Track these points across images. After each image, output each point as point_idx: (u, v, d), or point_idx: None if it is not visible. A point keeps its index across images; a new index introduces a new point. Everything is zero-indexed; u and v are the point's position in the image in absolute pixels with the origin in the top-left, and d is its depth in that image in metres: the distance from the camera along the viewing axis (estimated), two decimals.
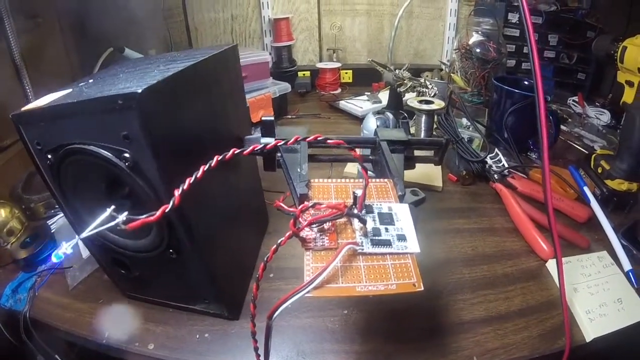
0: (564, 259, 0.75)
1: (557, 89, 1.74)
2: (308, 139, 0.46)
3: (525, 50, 1.68)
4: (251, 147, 0.42)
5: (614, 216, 0.90)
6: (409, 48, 1.94)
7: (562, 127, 1.40)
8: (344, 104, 1.48)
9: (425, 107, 1.08)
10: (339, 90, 1.76)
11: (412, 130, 1.16)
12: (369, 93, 1.58)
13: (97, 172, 0.46)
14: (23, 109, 0.47)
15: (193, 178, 0.37)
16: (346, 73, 1.86)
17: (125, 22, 1.66)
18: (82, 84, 0.52)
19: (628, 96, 0.94)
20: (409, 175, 0.62)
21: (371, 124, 0.72)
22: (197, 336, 0.64)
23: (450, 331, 0.65)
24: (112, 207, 0.40)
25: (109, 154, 0.44)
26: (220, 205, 0.59)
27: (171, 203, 0.36)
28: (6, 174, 1.00)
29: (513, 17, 1.63)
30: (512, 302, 0.71)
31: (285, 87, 1.41)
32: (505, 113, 1.17)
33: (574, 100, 1.59)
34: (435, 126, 1.15)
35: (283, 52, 1.82)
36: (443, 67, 1.81)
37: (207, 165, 0.39)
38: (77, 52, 1.42)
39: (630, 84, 0.93)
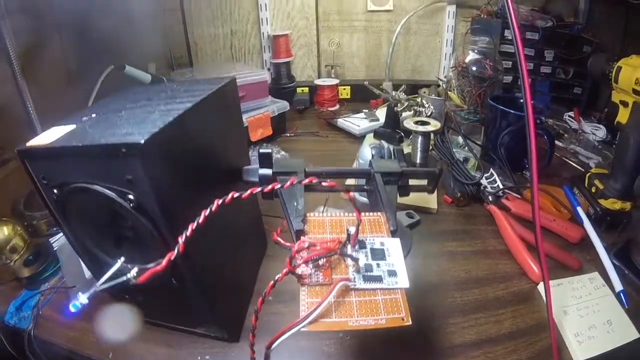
0: (554, 282, 0.77)
1: (554, 104, 1.76)
2: (303, 182, 0.48)
3: None
4: (249, 191, 0.44)
5: (607, 235, 0.92)
6: (406, 64, 1.96)
7: (558, 142, 1.42)
8: (341, 122, 1.50)
9: (421, 128, 1.10)
10: (337, 106, 1.79)
11: (409, 149, 1.19)
12: (366, 110, 1.61)
13: (102, 207, 0.48)
14: (28, 144, 0.48)
15: (195, 224, 0.39)
16: (344, 89, 1.89)
17: (125, 34, 1.69)
18: (85, 118, 0.53)
19: (622, 116, 0.95)
20: (405, 197, 0.65)
21: (367, 154, 0.74)
22: (199, 358, 0.66)
23: (442, 354, 0.67)
24: (123, 258, 0.42)
25: (114, 195, 0.45)
26: (220, 236, 0.61)
27: (176, 250, 0.38)
28: (7, 188, 1.00)
29: (509, 34, 1.64)
30: (503, 325, 0.72)
31: (283, 105, 1.43)
32: (500, 133, 1.18)
33: (569, 116, 1.61)
34: (431, 147, 1.17)
35: (282, 69, 1.84)
36: (440, 83, 1.84)
37: (208, 210, 0.41)
38: (75, 60, 1.44)
39: (624, 104, 0.94)
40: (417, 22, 1.86)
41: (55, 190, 0.50)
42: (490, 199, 1.02)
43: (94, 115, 0.55)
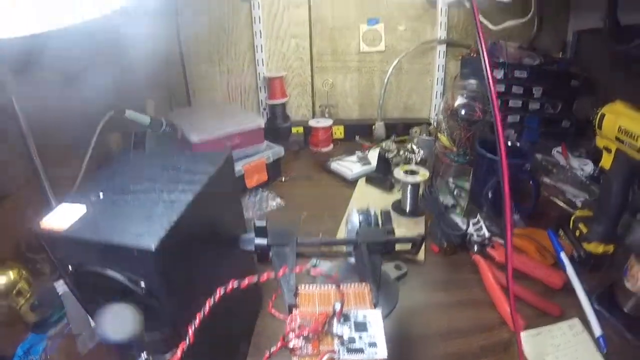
0: (534, 331, 0.81)
1: (542, 139, 1.80)
2: (294, 270, 0.53)
3: (510, 104, 1.75)
4: (247, 280, 0.49)
5: (590, 277, 0.96)
6: (398, 102, 2.02)
7: (546, 180, 1.47)
8: (335, 165, 1.54)
9: (410, 178, 1.14)
10: (331, 146, 1.84)
11: (399, 194, 1.23)
12: (359, 153, 1.64)
13: (114, 284, 0.52)
14: (43, 225, 0.52)
15: (202, 314, 0.46)
16: (338, 129, 1.93)
17: (125, 74, 1.73)
18: (93, 198, 0.58)
19: (606, 162, 0.99)
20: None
21: (355, 220, 0.78)
22: None
23: None
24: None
25: (126, 280, 0.51)
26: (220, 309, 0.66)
27: (187, 340, 0.44)
28: (7, 228, 1.00)
29: (498, 74, 1.69)
30: None
31: (278, 151, 1.47)
32: (487, 178, 1.22)
33: (558, 151, 1.64)
34: (420, 194, 1.21)
35: (277, 109, 1.90)
36: (431, 121, 1.89)
37: (212, 299, 0.47)
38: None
39: (608, 150, 0.98)
40: (409, 61, 1.92)
41: (69, 267, 0.54)
42: (476, 248, 1.06)
43: (100, 194, 0.59)
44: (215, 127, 1.32)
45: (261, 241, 0.66)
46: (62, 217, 0.54)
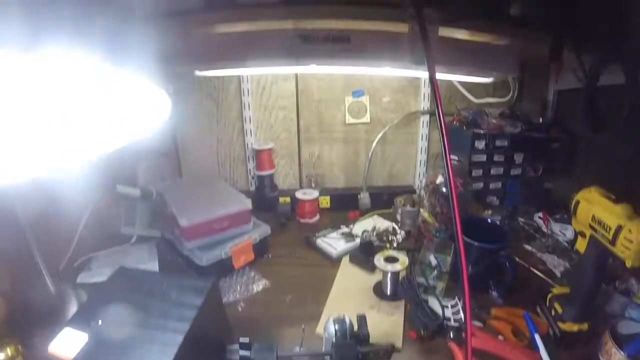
0: None
1: (524, 205, 1.84)
2: None
3: (492, 172, 1.80)
4: None
5: (565, 355, 1.00)
6: (383, 171, 2.07)
7: (527, 247, 1.54)
8: (320, 242, 1.57)
9: (389, 267, 1.18)
10: (318, 216, 1.87)
11: (380, 276, 1.27)
12: (344, 227, 1.68)
13: None
14: (50, 351, 0.59)
15: None
16: (324, 199, 1.97)
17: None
18: (93, 325, 0.62)
19: (580, 245, 1.03)
20: (373, 334, 0.74)
21: (331, 329, 0.82)
22: None
23: None
24: None
25: None
26: None
27: None
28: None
29: (479, 144, 1.74)
30: None
31: (265, 231, 1.50)
32: (467, 255, 1.24)
33: (539, 217, 1.68)
34: (401, 279, 1.25)
35: (265, 179, 1.94)
36: (416, 189, 1.94)
37: None
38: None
39: (582, 235, 1.01)
40: (393, 131, 1.97)
41: None
42: (452, 335, 1.08)
43: (99, 321, 0.64)
44: (203, 209, 1.35)
45: (245, 353, 0.73)
46: (67, 344, 0.58)
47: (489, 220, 1.41)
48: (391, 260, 1.23)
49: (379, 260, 1.23)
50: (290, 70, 1.84)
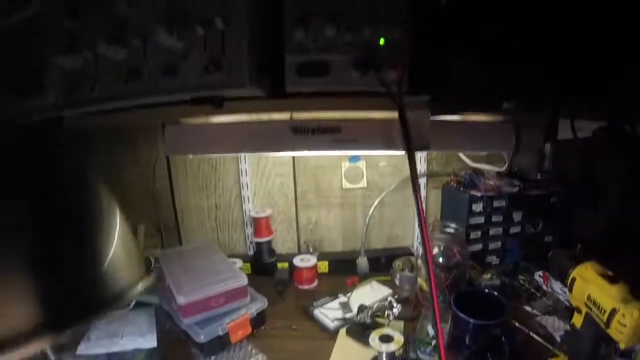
0: None
1: (525, 261, 1.83)
2: None
3: (491, 232, 1.80)
4: None
5: None
6: (381, 234, 2.08)
7: (527, 308, 1.53)
8: (317, 313, 1.57)
9: (384, 347, 1.18)
10: (316, 282, 1.87)
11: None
12: (342, 297, 1.67)
13: None
14: None
15: None
16: (322, 264, 1.97)
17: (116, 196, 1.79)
18: None
19: (577, 320, 1.03)
20: None
21: None
22: None
23: None
24: None
25: None
26: None
27: None
28: None
29: (477, 207, 1.75)
30: None
31: (262, 304, 1.49)
32: (464, 334, 1.25)
33: (539, 275, 1.67)
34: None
35: (263, 245, 1.94)
36: (414, 251, 1.94)
37: None
38: None
39: (579, 310, 1.02)
40: (391, 195, 1.98)
41: None
42: None
43: None
44: (200, 285, 1.36)
45: None
46: None
47: (486, 291, 1.41)
48: (386, 339, 1.23)
49: (373, 339, 1.23)
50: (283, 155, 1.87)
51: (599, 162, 1.26)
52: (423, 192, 2.02)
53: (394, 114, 0.83)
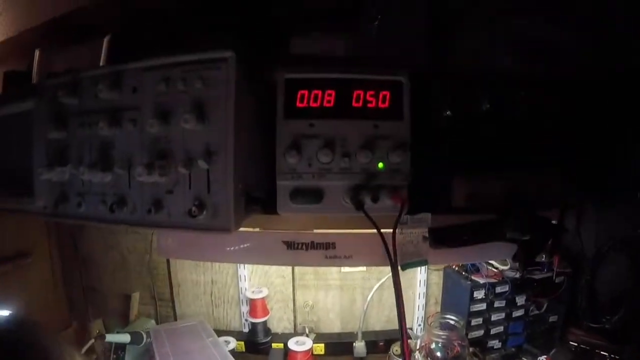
0: None
1: (528, 344, 1.77)
2: None
3: (493, 317, 1.75)
4: None
5: None
6: (380, 315, 2.02)
7: None
8: None
9: None
10: None
11: None
12: None
13: None
14: None
15: None
16: (318, 346, 1.92)
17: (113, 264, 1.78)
18: None
19: None
20: None
21: None
22: None
23: None
24: None
25: None
26: None
27: None
28: None
29: (479, 294, 1.70)
30: None
31: None
32: None
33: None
34: None
35: (258, 326, 1.90)
36: (413, 336, 1.89)
37: None
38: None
39: None
40: (391, 277, 1.92)
41: None
42: None
43: None
44: None
45: None
46: None
47: None
48: None
49: None
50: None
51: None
52: (424, 274, 1.97)
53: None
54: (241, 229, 0.78)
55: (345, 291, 2.00)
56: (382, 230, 0.80)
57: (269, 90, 0.80)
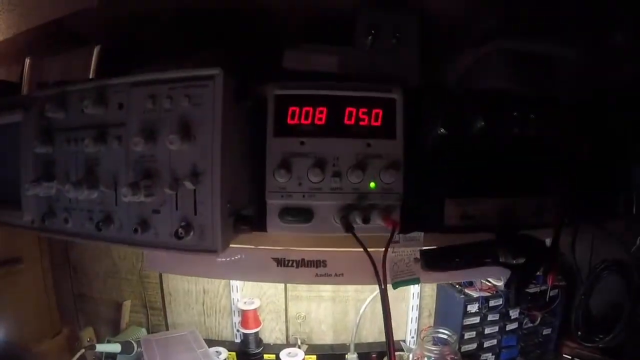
0: None
1: (521, 357, 1.78)
2: None
3: (486, 331, 1.74)
4: None
5: None
6: (373, 327, 2.01)
7: None
8: None
9: None
10: None
11: None
12: None
13: None
14: None
15: None
16: (310, 358, 1.91)
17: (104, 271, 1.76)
18: None
19: None
20: None
21: None
22: None
23: None
24: None
25: None
26: None
27: None
28: None
29: (472, 308, 1.69)
30: None
31: None
32: None
33: None
34: None
35: (250, 336, 1.89)
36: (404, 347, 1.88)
37: None
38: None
39: None
40: None
41: None
42: None
43: None
44: None
45: None
46: None
47: None
48: None
49: None
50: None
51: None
52: (417, 287, 1.96)
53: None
54: (231, 245, 0.76)
55: (338, 303, 1.99)
56: (374, 249, 0.78)
57: (259, 106, 0.78)
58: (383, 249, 0.79)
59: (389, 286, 1.08)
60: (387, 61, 0.82)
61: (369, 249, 0.76)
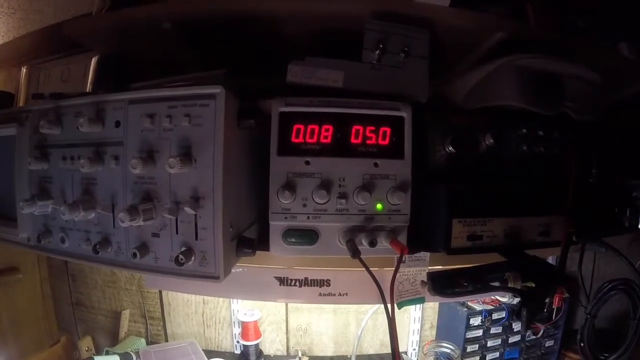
0: None
1: None
2: None
3: (489, 343, 1.72)
4: None
5: None
6: (374, 339, 1.99)
7: None
8: None
9: None
10: None
11: None
12: None
13: None
14: None
15: None
16: None
17: (103, 280, 1.74)
18: None
19: None
20: None
21: None
22: None
23: None
24: None
25: None
26: None
27: None
28: None
29: (475, 321, 1.67)
30: None
31: None
32: None
33: None
34: None
35: (250, 348, 1.87)
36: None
37: None
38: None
39: None
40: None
41: None
42: None
43: None
44: None
45: None
46: None
47: None
48: None
49: None
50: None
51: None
52: None
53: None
54: None
55: (339, 315, 1.97)
56: (377, 269, 0.76)
57: (263, 123, 0.75)
58: (387, 269, 0.77)
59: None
60: (396, 77, 0.79)
61: (373, 269, 0.74)
